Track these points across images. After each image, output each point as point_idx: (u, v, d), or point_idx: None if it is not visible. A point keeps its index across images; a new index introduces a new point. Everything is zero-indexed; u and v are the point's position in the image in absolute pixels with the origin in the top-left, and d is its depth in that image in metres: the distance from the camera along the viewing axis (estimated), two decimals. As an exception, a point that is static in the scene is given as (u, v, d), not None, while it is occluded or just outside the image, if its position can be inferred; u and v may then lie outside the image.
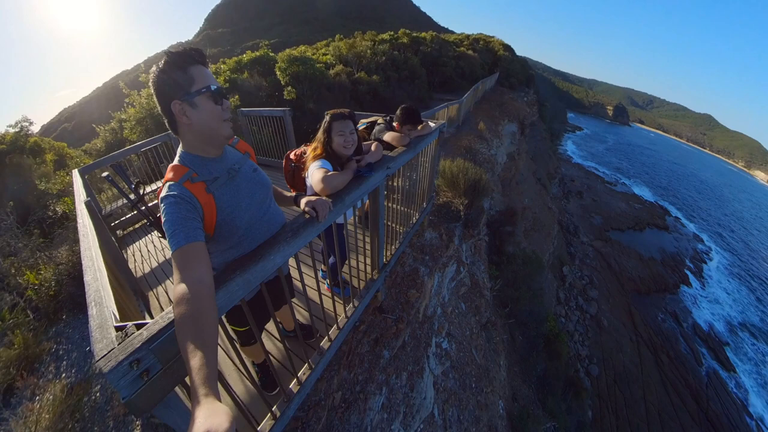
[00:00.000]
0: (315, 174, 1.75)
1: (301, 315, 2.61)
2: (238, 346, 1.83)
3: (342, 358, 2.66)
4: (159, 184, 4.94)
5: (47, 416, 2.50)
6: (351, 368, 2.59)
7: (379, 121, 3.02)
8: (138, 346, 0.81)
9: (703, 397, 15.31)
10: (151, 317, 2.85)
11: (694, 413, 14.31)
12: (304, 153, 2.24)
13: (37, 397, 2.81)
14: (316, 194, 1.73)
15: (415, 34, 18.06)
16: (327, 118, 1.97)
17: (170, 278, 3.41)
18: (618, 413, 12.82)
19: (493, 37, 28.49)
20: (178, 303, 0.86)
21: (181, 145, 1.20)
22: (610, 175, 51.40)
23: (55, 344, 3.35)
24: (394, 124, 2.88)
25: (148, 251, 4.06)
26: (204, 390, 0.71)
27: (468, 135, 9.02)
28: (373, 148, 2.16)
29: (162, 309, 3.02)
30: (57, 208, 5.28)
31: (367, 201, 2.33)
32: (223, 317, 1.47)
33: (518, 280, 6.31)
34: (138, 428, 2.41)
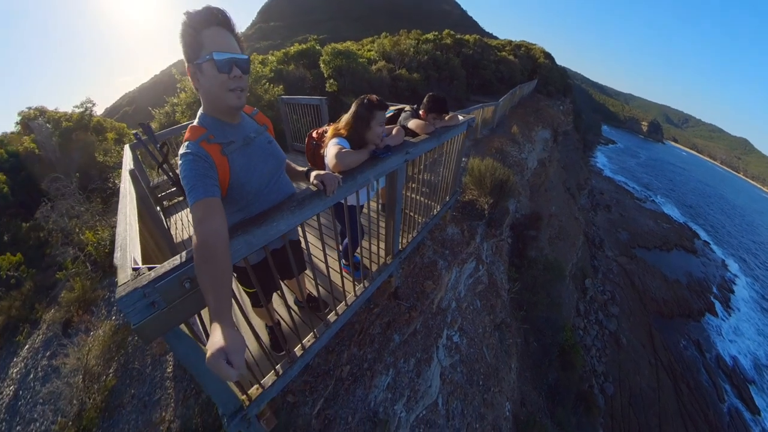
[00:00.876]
0: (330, 150, 1.76)
1: (314, 288, 2.68)
2: (250, 306, 1.95)
3: (354, 336, 2.75)
4: None
5: (97, 347, 2.96)
6: (361, 346, 2.67)
7: (406, 109, 3.03)
8: (145, 283, 0.94)
9: None
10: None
11: None
12: (326, 132, 2.25)
13: (91, 332, 3.27)
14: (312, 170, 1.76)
15: (458, 36, 17.92)
16: (366, 104, 1.89)
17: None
18: None
19: (535, 44, 27.84)
20: (197, 249, 0.95)
21: (201, 106, 1.25)
22: (640, 191, 49.09)
23: (108, 292, 3.83)
24: (420, 111, 2.86)
25: (188, 221, 4.33)
26: (219, 319, 0.82)
27: (500, 137, 8.88)
28: (394, 132, 2.14)
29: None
30: (116, 181, 5.82)
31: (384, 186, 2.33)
32: (234, 277, 1.55)
33: (537, 285, 6.17)
34: (170, 366, 2.66)
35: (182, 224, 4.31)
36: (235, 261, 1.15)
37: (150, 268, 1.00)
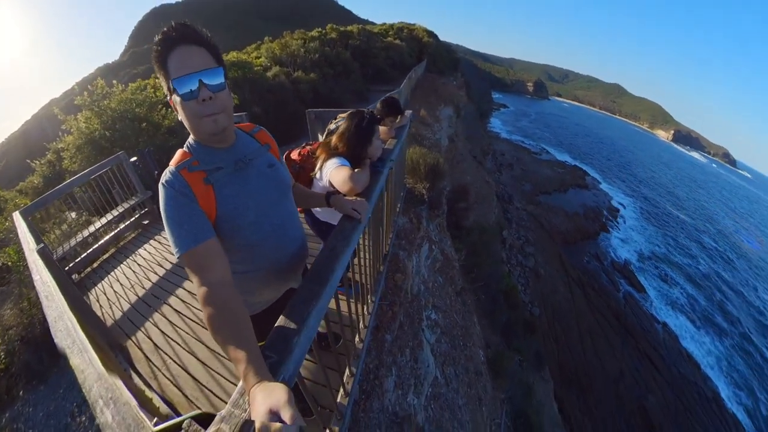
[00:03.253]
0: (340, 172, 1.68)
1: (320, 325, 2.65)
2: None
3: (350, 355, 2.85)
4: (114, 213, 4.54)
5: None
6: None
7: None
8: None
9: (621, 315, 19.05)
10: (136, 371, 2.62)
11: (615, 328, 17.94)
12: (310, 153, 2.13)
13: None
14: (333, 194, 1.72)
15: (342, 29, 18.30)
16: (369, 120, 1.85)
17: (150, 319, 3.14)
18: (557, 340, 15.57)
19: (415, 24, 29.21)
20: (206, 305, 0.83)
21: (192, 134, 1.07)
22: (535, 146, 56.19)
23: (11, 433, 2.75)
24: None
25: (115, 292, 3.63)
26: (256, 378, 0.68)
27: (413, 123, 9.52)
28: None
29: (147, 359, 2.74)
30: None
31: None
32: None
33: (478, 248, 7.13)
34: None
35: (107, 299, 3.54)
36: (312, 339, 0.99)
37: (201, 420, 0.65)
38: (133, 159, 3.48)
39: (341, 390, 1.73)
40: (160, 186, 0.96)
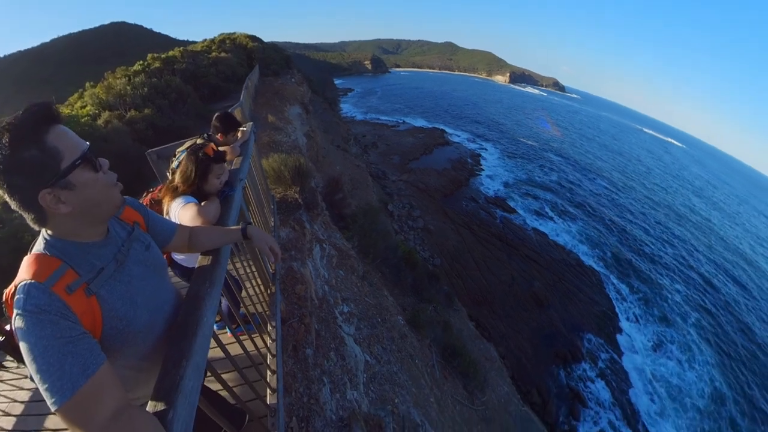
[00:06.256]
0: (187, 210, 1.67)
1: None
2: None
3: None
4: None
5: None
6: (289, 389, 2.51)
7: (198, 142, 2.87)
8: None
9: (502, 235, 23.47)
10: None
11: (501, 247, 22.09)
12: (153, 201, 2.11)
13: None
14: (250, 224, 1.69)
15: (164, 55, 17.38)
16: (203, 160, 1.81)
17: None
18: (461, 275, 18.51)
19: (235, 33, 27.64)
20: None
21: (46, 231, 0.84)
22: (391, 120, 58.39)
23: None
24: (218, 136, 2.82)
25: None
26: None
27: (263, 131, 9.11)
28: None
29: None
30: None
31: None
32: None
33: (367, 230, 7.54)
34: None
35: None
36: (195, 407, 0.87)
37: None
38: None
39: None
40: (21, 313, 0.70)
